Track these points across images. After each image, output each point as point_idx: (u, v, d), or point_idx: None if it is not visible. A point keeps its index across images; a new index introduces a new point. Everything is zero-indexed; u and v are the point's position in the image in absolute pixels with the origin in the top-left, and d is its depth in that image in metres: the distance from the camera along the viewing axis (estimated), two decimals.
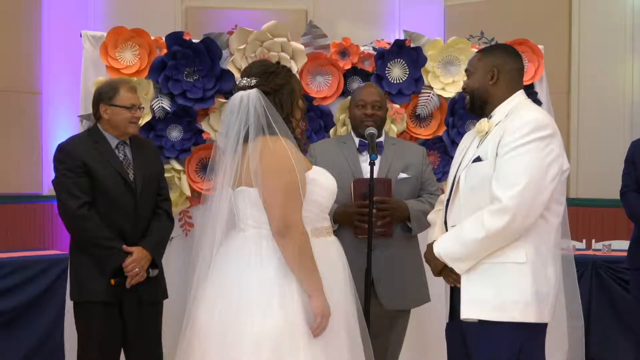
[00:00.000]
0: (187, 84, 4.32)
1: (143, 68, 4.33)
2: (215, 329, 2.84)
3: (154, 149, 4.05)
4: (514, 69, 3.12)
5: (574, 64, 7.94)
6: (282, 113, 2.92)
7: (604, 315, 5.47)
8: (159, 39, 4.39)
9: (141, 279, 3.71)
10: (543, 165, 2.85)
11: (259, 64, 3.04)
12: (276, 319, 2.78)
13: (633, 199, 4.57)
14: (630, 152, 4.70)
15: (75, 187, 3.67)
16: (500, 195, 2.83)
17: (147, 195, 3.80)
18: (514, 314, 2.87)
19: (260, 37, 4.40)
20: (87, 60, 4.37)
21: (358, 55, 4.57)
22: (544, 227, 2.92)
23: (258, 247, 2.91)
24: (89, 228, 3.65)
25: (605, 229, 7.36)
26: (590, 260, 5.56)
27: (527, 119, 2.91)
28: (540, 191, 2.84)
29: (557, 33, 7.88)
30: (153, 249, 3.76)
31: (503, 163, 2.88)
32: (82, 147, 3.74)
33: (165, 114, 4.32)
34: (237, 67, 4.38)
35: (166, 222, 3.91)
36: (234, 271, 2.89)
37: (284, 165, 2.84)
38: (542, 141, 2.86)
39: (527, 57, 4.78)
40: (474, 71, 3.13)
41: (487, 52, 3.16)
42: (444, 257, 2.97)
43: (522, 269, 2.88)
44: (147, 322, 3.83)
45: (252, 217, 2.94)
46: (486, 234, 2.84)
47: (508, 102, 3.06)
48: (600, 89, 7.81)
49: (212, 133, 4.39)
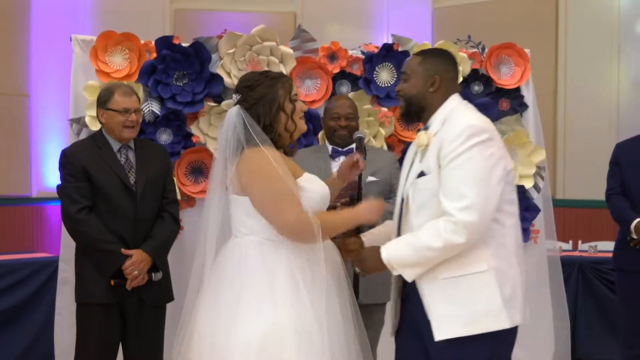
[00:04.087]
0: (176, 88, 4.34)
1: (133, 72, 4.34)
2: (208, 336, 2.89)
3: (160, 152, 4.03)
4: (454, 76, 3.06)
5: (561, 66, 7.99)
6: (260, 124, 2.99)
7: (590, 316, 5.52)
8: (148, 42, 4.41)
9: (142, 282, 3.74)
10: (487, 170, 2.79)
11: (243, 79, 3.10)
12: (264, 324, 2.82)
13: (618, 201, 4.61)
14: (615, 154, 4.74)
15: (75, 191, 3.74)
16: (451, 210, 2.77)
17: (148, 198, 3.82)
18: (487, 324, 2.82)
19: (249, 41, 4.42)
20: (77, 64, 4.39)
21: (346, 59, 4.60)
22: (501, 231, 2.87)
23: (247, 254, 2.95)
24: (88, 232, 3.72)
25: (592, 230, 7.41)
26: (576, 261, 5.60)
27: (463, 125, 2.83)
28: (489, 197, 2.78)
29: (544, 36, 7.93)
30: (153, 252, 3.78)
31: (447, 175, 2.81)
32: (83, 152, 3.81)
33: (155, 117, 4.34)
34: (226, 71, 4.40)
35: (170, 226, 3.92)
36: (227, 278, 2.95)
37: (265, 174, 2.91)
38: (481, 145, 2.79)
39: (513, 60, 4.83)
40: (413, 75, 3.01)
41: (428, 57, 3.03)
42: (394, 262, 2.86)
43: (486, 278, 2.82)
44: (149, 325, 3.86)
45: (244, 224, 2.99)
46: (444, 245, 2.77)
47: (444, 108, 2.97)
48: (587, 91, 7.87)
49: (202, 136, 4.42)
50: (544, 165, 4.88)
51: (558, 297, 4.97)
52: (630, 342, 4.58)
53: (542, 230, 4.88)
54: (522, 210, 4.71)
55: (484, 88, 4.80)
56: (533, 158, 4.79)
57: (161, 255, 3.86)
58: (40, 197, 7.57)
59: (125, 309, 3.81)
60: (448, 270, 2.84)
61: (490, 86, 4.80)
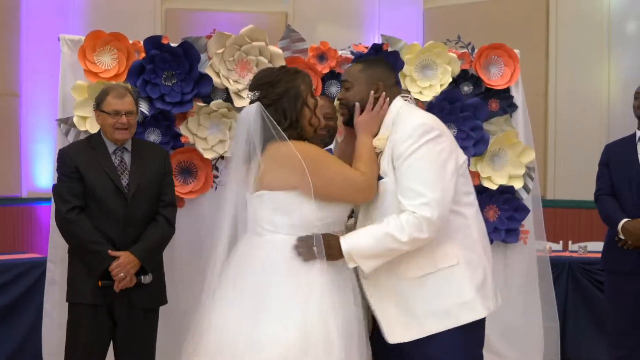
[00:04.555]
0: (165, 88, 4.33)
1: (121, 72, 4.33)
2: (230, 337, 2.82)
3: (159, 154, 4.01)
4: (395, 82, 3.15)
5: (552, 66, 8.00)
6: (286, 121, 2.95)
7: (579, 316, 5.53)
8: (137, 42, 4.40)
9: (130, 284, 3.73)
10: (440, 166, 2.86)
11: (260, 76, 3.05)
12: (294, 330, 2.76)
13: (607, 202, 4.62)
14: (604, 155, 4.74)
15: (67, 191, 3.76)
16: (411, 208, 2.82)
17: (141, 201, 3.81)
18: (463, 316, 2.87)
19: (238, 41, 4.41)
20: (65, 64, 4.37)
21: (336, 59, 4.60)
22: (464, 223, 2.94)
23: (275, 252, 2.91)
24: (77, 232, 3.74)
25: (582, 231, 7.42)
26: (566, 262, 5.62)
27: (412, 125, 2.90)
28: (445, 192, 2.85)
29: (535, 36, 7.94)
30: (141, 254, 3.75)
31: (402, 174, 2.87)
32: (78, 153, 3.83)
33: (144, 117, 4.33)
34: (215, 71, 4.39)
35: (163, 229, 3.89)
36: (250, 277, 2.89)
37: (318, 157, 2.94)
38: (432, 142, 2.87)
39: (503, 61, 4.83)
40: (356, 83, 3.09)
41: (369, 65, 3.13)
42: (354, 252, 2.86)
43: (457, 270, 2.88)
44: (139, 328, 3.84)
45: (269, 222, 2.94)
46: (408, 239, 2.80)
47: (390, 111, 3.04)
48: (577, 91, 7.88)
49: (191, 137, 4.41)
50: (533, 165, 4.88)
51: (547, 297, 4.97)
52: (618, 343, 4.58)
53: (531, 230, 4.88)
54: (511, 211, 4.76)
55: (474, 88, 4.81)
56: (522, 159, 4.79)
57: (150, 258, 3.83)
58: (30, 198, 7.53)
59: (114, 310, 3.80)
60: (420, 268, 2.89)
61: (479, 86, 4.81)
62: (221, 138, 4.43)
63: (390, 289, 2.94)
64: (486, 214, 4.76)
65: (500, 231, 4.77)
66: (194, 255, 4.38)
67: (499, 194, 4.77)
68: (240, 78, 4.41)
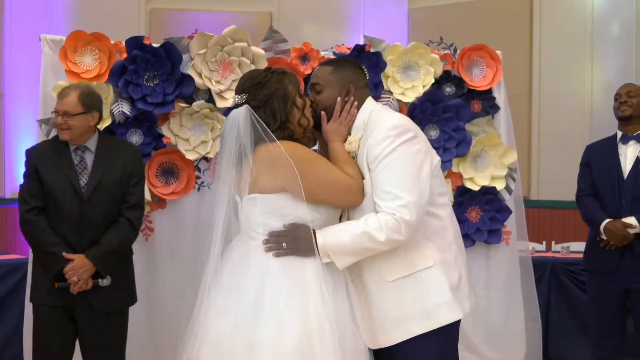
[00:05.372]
0: (147, 89, 4.31)
1: (103, 72, 4.31)
2: (227, 343, 2.79)
3: (128, 153, 3.90)
4: (366, 83, 3.11)
5: (535, 67, 8.05)
6: (276, 122, 2.92)
7: (562, 316, 5.56)
8: (118, 43, 4.38)
9: (86, 287, 3.68)
10: (416, 167, 2.85)
11: (247, 78, 3.02)
12: (293, 332, 2.75)
13: (588, 203, 4.64)
14: (585, 156, 4.76)
15: (27, 192, 3.74)
16: (388, 210, 2.80)
17: (98, 202, 3.73)
18: (441, 318, 2.87)
19: (220, 42, 4.40)
20: (47, 64, 4.35)
21: (318, 60, 4.59)
22: (440, 224, 2.94)
23: (269, 256, 2.88)
24: (33, 232, 3.71)
25: (565, 231, 7.46)
26: (549, 262, 5.64)
27: (387, 127, 2.88)
28: (421, 193, 2.84)
29: (518, 37, 7.98)
30: (96, 259, 3.67)
31: (377, 177, 2.85)
32: (40, 153, 3.78)
33: (126, 118, 4.31)
34: (197, 71, 4.38)
35: (124, 232, 3.79)
36: (245, 282, 2.86)
37: (309, 158, 2.92)
38: (408, 143, 2.85)
39: (485, 62, 4.84)
40: (327, 86, 3.04)
41: (339, 67, 3.08)
42: (330, 248, 2.83)
43: (433, 272, 2.88)
44: (102, 331, 3.78)
45: (262, 225, 2.91)
46: (386, 239, 2.79)
47: (361, 113, 3.02)
48: (561, 92, 7.93)
49: (173, 138, 4.39)
50: (515, 166, 4.89)
51: (530, 298, 4.98)
52: (599, 343, 4.61)
53: (513, 231, 4.89)
54: (493, 212, 4.77)
55: (456, 89, 4.81)
56: (504, 159, 4.80)
57: (106, 262, 3.72)
58: (14, 198, 7.50)
59: (75, 312, 3.76)
60: (396, 271, 2.89)
61: (462, 88, 4.81)
62: (203, 139, 4.42)
63: (368, 293, 2.93)
64: (468, 214, 4.77)
65: (483, 232, 4.78)
66: (176, 256, 4.38)
67: (481, 194, 4.78)
68: (222, 79, 4.40)
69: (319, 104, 3.06)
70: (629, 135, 4.58)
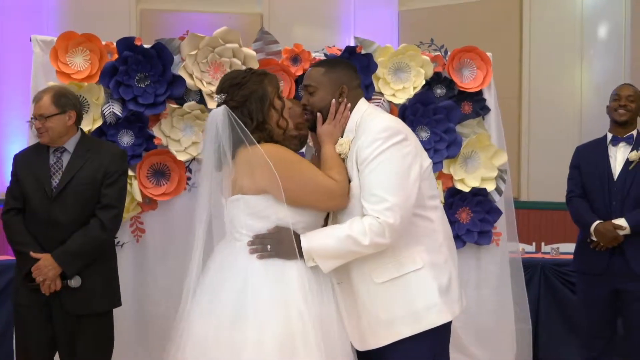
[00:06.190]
0: (138, 90, 4.30)
1: (94, 73, 4.29)
2: (211, 344, 2.81)
3: (107, 154, 3.88)
4: (359, 84, 3.12)
5: (525, 70, 8.08)
6: (253, 123, 2.94)
7: (552, 317, 5.58)
8: (109, 44, 4.37)
9: (55, 287, 3.67)
10: (404, 171, 2.85)
11: (227, 78, 3.05)
12: (274, 332, 2.77)
13: (578, 204, 4.65)
14: (575, 158, 4.78)
15: (9, 194, 3.83)
16: (373, 213, 2.80)
17: (68, 202, 3.72)
18: (429, 320, 2.88)
19: (211, 43, 4.40)
20: (37, 64, 4.34)
21: (309, 61, 4.59)
22: (430, 227, 2.95)
23: (253, 257, 2.90)
24: (8, 233, 3.79)
25: (554, 232, 7.49)
26: (539, 263, 5.67)
27: (377, 128, 2.89)
28: (408, 196, 2.83)
29: (508, 39, 8.01)
30: (61, 259, 3.65)
31: (365, 178, 2.86)
32: (22, 156, 3.87)
33: (117, 119, 4.30)
34: (188, 72, 4.38)
35: (91, 232, 3.73)
36: (229, 284, 2.88)
37: (290, 160, 2.93)
38: (397, 146, 2.85)
39: (475, 64, 4.85)
40: (320, 87, 3.05)
41: (331, 68, 3.08)
42: (315, 252, 2.85)
43: (422, 274, 2.88)
44: (78, 333, 3.76)
45: (246, 226, 2.94)
46: (370, 243, 2.79)
47: (354, 115, 3.03)
48: (550, 94, 7.96)
49: (164, 139, 4.39)
50: (505, 168, 4.90)
51: (520, 298, 4.99)
52: (589, 344, 4.63)
53: (504, 232, 4.91)
54: (484, 213, 4.79)
55: (447, 91, 4.81)
56: (495, 161, 4.82)
57: (71, 262, 3.68)
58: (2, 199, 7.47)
59: (51, 311, 3.75)
60: (385, 273, 2.89)
61: (452, 89, 4.82)
62: (194, 140, 4.41)
63: (357, 294, 2.93)
64: (459, 216, 4.78)
65: (473, 233, 4.78)
66: (167, 257, 4.37)
67: (472, 196, 4.79)
68: (213, 80, 4.39)
69: (313, 106, 3.07)
70: (620, 137, 4.60)
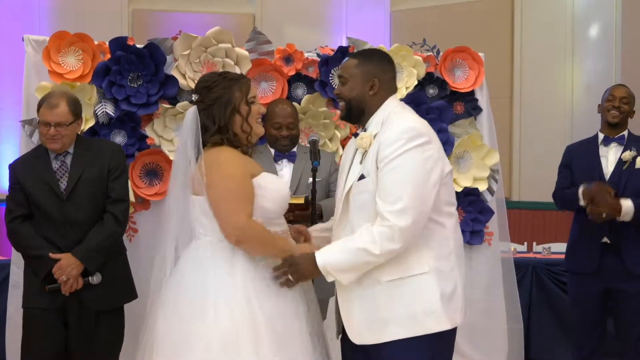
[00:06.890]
0: (131, 90, 4.31)
1: (86, 73, 4.30)
2: (170, 337, 2.90)
3: (106, 150, 3.88)
4: (392, 77, 3.06)
5: (516, 69, 8.11)
6: (214, 126, 3.01)
7: (543, 317, 5.60)
8: (102, 43, 4.37)
9: (77, 286, 3.70)
10: (423, 173, 2.82)
11: (202, 80, 3.13)
12: (223, 323, 2.83)
13: (564, 192, 4.63)
14: (565, 157, 4.75)
15: (11, 201, 3.80)
16: (386, 213, 2.79)
17: (80, 201, 3.75)
18: (428, 325, 2.86)
19: (204, 43, 4.41)
20: (30, 64, 4.34)
21: (302, 62, 4.61)
22: (442, 233, 2.91)
23: (208, 254, 2.98)
24: (18, 239, 3.78)
25: (546, 232, 7.51)
26: (530, 263, 5.68)
27: (401, 128, 2.85)
28: (425, 200, 2.81)
29: (500, 39, 8.04)
30: (83, 256, 3.70)
31: (383, 177, 2.83)
32: (20, 165, 3.85)
33: (109, 119, 4.31)
34: (181, 72, 4.38)
35: (108, 227, 3.78)
36: (187, 279, 2.97)
37: (223, 174, 2.95)
38: (419, 149, 2.82)
39: (467, 64, 4.87)
40: (351, 78, 3.01)
41: (365, 60, 3.03)
42: (330, 267, 2.86)
43: (427, 279, 2.86)
44: (92, 330, 3.79)
45: (202, 225, 3.02)
46: (380, 252, 2.79)
47: (382, 110, 2.98)
48: (542, 94, 7.99)
49: (156, 138, 4.39)
50: (497, 168, 4.92)
51: (511, 298, 5.02)
52: (580, 343, 4.64)
53: (495, 232, 4.92)
54: (476, 213, 4.80)
55: (439, 91, 4.83)
56: (487, 161, 4.83)
57: (94, 258, 3.73)
58: None
59: (67, 313, 3.77)
60: (390, 273, 2.87)
61: (444, 89, 4.84)
62: None
63: (360, 291, 2.92)
64: None
65: (465, 233, 4.78)
66: None
67: (464, 196, 4.81)
68: None
69: (342, 95, 3.04)
70: (611, 138, 4.60)
